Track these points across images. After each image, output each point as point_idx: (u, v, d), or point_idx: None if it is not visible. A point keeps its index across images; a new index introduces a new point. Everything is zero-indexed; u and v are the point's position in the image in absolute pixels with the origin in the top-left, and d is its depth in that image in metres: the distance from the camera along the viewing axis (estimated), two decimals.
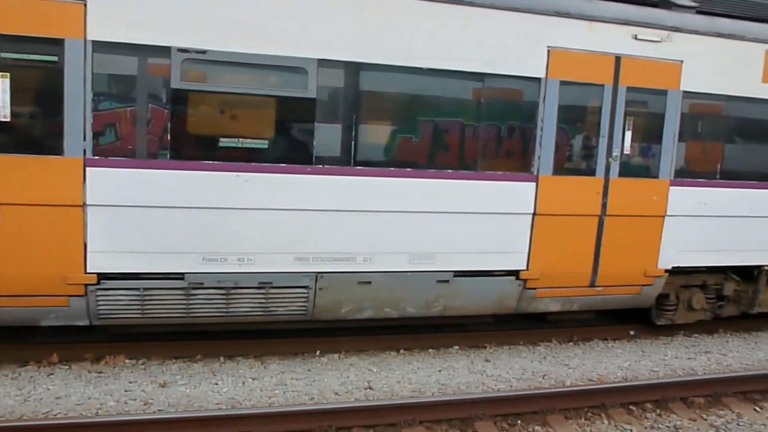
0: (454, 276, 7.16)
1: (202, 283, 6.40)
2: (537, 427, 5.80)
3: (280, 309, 6.70)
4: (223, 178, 6.25)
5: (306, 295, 6.72)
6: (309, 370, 6.82)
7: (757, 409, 6.51)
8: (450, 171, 6.92)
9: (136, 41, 5.89)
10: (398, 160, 6.77)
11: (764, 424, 6.13)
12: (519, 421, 5.85)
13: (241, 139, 6.27)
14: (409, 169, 6.79)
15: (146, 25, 5.89)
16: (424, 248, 6.97)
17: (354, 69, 6.50)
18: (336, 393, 6.28)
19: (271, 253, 6.51)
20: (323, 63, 6.38)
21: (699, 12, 7.95)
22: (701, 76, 7.75)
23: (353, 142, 6.58)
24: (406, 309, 7.17)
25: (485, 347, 7.87)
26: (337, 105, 6.52)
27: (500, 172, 7.10)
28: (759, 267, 8.59)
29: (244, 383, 6.39)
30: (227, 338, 7.41)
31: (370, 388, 6.44)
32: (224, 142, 6.23)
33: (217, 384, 6.34)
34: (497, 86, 6.99)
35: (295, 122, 6.42)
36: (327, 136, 6.51)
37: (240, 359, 7.03)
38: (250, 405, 5.91)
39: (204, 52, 6.07)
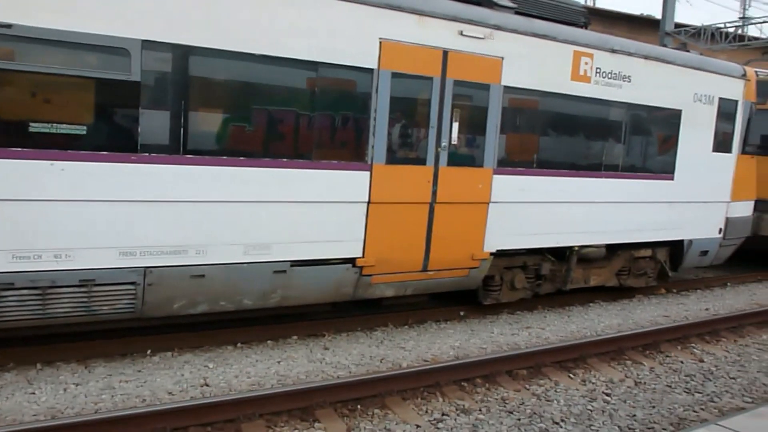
0: (291, 266, 7.10)
1: (12, 284, 5.78)
2: (377, 411, 5.93)
3: (105, 308, 6.24)
4: (35, 166, 5.68)
5: (134, 291, 6.31)
6: (139, 371, 6.44)
7: (571, 375, 7.16)
8: (285, 160, 6.83)
9: None
10: (231, 149, 6.56)
11: (577, 389, 6.76)
12: (359, 406, 5.95)
13: (55, 125, 5.73)
14: (242, 158, 6.60)
15: None
16: (259, 239, 6.83)
17: (182, 52, 6.18)
18: (170, 393, 5.99)
19: (93, 248, 6.03)
20: (148, 45, 6.00)
21: (518, 13, 8.53)
22: (519, 72, 8.32)
23: (183, 130, 6.27)
24: (243, 301, 7.00)
25: (324, 335, 7.92)
26: (165, 90, 6.17)
27: (335, 162, 7.14)
28: (570, 248, 9.44)
29: (65, 390, 5.90)
30: (45, 343, 6.77)
31: (207, 385, 6.22)
32: (36, 127, 5.66)
33: (33, 393, 5.79)
34: (331, 76, 7.01)
35: (118, 107, 5.98)
36: (153, 123, 6.14)
37: (60, 364, 6.47)
38: (74, 413, 5.47)
39: (9, 26, 5.45)
